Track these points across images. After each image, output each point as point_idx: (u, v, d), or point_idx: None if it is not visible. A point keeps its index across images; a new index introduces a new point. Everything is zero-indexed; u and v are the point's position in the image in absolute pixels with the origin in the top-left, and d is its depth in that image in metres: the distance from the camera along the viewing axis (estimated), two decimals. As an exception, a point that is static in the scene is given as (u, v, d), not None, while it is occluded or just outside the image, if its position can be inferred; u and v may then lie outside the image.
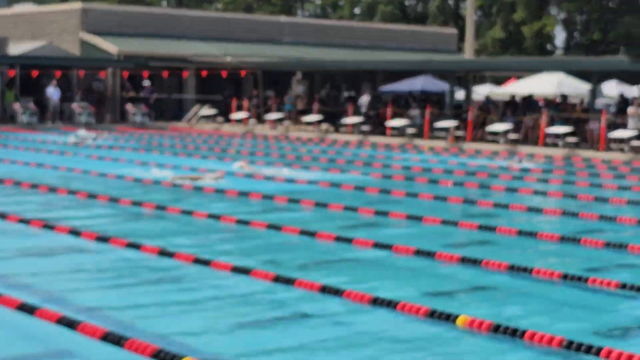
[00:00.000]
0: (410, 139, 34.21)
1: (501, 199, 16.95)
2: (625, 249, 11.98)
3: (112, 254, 11.08)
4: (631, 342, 7.77)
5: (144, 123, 41.31)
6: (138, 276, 10.00)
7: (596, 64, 35.91)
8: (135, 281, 9.75)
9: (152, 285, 9.58)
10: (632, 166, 26.43)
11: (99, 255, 11.05)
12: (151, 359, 6.72)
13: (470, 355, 7.27)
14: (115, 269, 10.32)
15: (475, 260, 10.76)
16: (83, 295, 8.95)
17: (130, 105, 42.27)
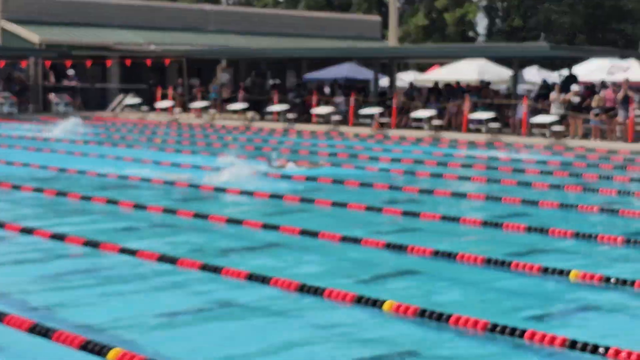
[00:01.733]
0: (336, 126, 34.37)
1: (425, 185, 17.15)
2: (547, 233, 12.23)
3: (38, 244, 10.98)
4: (554, 324, 7.93)
5: (67, 113, 40.80)
6: (63, 267, 9.92)
7: (517, 51, 36.42)
8: (60, 272, 9.66)
9: (78, 275, 9.50)
10: (554, 150, 26.92)
11: (23, 246, 10.95)
12: (79, 351, 6.70)
13: (397, 340, 7.36)
14: (41, 259, 10.23)
15: (400, 245, 10.90)
16: (6, 287, 8.84)
17: (53, 95, 41.72)
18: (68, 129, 30.14)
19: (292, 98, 38.48)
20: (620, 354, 6.71)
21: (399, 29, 56.70)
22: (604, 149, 26.87)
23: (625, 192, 16.85)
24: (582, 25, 64.52)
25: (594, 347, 6.85)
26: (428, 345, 7.23)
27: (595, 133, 29.22)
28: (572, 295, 9.01)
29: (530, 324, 7.65)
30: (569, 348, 6.94)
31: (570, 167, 21.87)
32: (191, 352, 6.94)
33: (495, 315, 7.91)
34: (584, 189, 17.04)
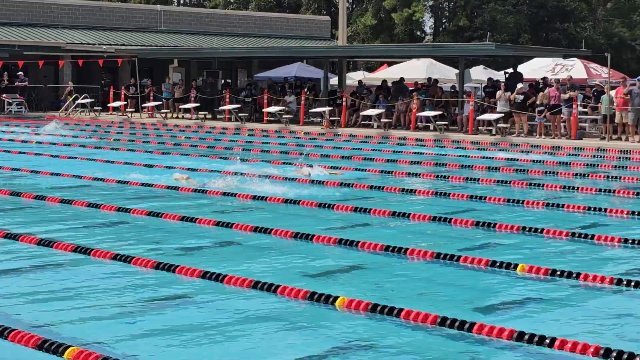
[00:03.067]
0: (287, 125, 34.50)
1: (376, 182, 17.36)
2: (494, 228, 12.49)
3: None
4: (502, 317, 8.12)
5: (19, 113, 40.47)
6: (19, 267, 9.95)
7: (464, 50, 36.77)
8: (16, 271, 9.67)
9: (33, 275, 9.54)
10: (500, 147, 27.29)
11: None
12: (36, 350, 6.73)
13: (349, 335, 7.49)
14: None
15: (352, 241, 11.08)
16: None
17: (6, 95, 41.31)
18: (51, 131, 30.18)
19: (243, 97, 38.55)
20: (566, 344, 6.92)
21: (348, 28, 56.95)
22: (548, 145, 27.29)
23: (570, 187, 17.21)
24: (527, 25, 65.24)
25: (540, 338, 7.05)
26: (380, 340, 7.36)
27: (540, 130, 29.67)
28: (520, 288, 9.23)
29: (479, 317, 7.85)
30: (516, 340, 7.14)
31: (515, 163, 22.22)
32: (147, 350, 7.02)
33: (444, 308, 8.09)
34: (530, 185, 17.36)
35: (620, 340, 7.38)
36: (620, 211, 14.05)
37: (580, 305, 8.66)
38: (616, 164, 22.43)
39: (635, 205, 14.80)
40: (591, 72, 39.83)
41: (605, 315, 8.27)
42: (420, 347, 7.21)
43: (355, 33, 66.71)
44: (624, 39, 66.09)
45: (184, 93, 40.24)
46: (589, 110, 31.01)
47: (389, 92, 35.27)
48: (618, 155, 25.22)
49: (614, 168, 21.44)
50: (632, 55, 66.37)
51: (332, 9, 69.64)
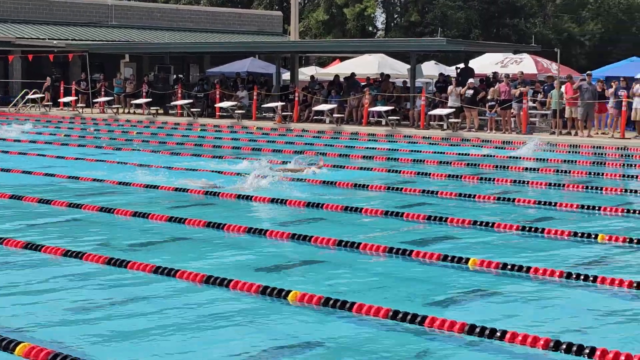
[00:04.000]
0: (239, 120, 34.43)
1: (328, 177, 17.39)
2: (445, 222, 12.59)
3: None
4: (454, 310, 8.19)
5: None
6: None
7: (415, 45, 36.94)
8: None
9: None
10: (451, 142, 27.48)
11: None
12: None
13: (302, 329, 7.53)
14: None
15: (305, 236, 11.12)
16: None
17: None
18: None
19: (195, 92, 38.41)
20: (517, 337, 7.01)
21: (300, 24, 56.96)
22: (499, 140, 27.53)
23: (520, 181, 17.38)
24: (477, 20, 65.66)
25: (491, 331, 7.13)
26: (332, 334, 7.40)
27: (491, 125, 29.90)
28: (471, 282, 9.32)
29: (431, 311, 7.90)
30: (468, 333, 7.21)
31: (467, 157, 22.39)
32: (99, 346, 6.99)
33: (397, 302, 8.14)
34: (481, 179, 17.51)
35: (570, 332, 7.48)
36: (570, 205, 14.21)
37: (531, 299, 8.74)
38: (565, 158, 22.67)
39: (585, 199, 15.00)
40: (541, 68, 40.20)
41: (556, 308, 8.37)
42: (372, 341, 7.25)
43: (307, 28, 66.72)
44: (573, 35, 66.78)
45: (135, 88, 40.00)
46: (539, 106, 31.32)
47: (341, 87, 35.34)
48: (567, 149, 25.49)
49: (564, 162, 21.68)
50: (581, 50, 67.08)
51: (284, 4, 69.56)
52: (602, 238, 11.45)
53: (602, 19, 69.02)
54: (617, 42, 68.84)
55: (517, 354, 6.86)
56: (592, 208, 13.94)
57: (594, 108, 28.76)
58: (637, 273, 9.79)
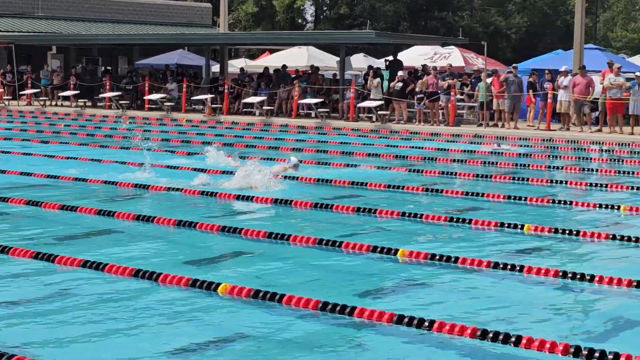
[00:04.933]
0: (168, 113, 34.23)
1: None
2: (374, 213, 12.69)
3: None
4: (383, 300, 8.27)
5: None
6: None
7: (344, 37, 37.08)
8: None
9: None
10: (380, 134, 27.64)
11: None
12: None
13: (231, 322, 7.53)
14: None
15: (235, 228, 11.12)
16: None
17: None
18: None
19: (124, 84, 38.10)
20: (444, 327, 7.10)
21: (229, 16, 56.75)
22: (427, 132, 27.77)
23: (448, 172, 17.57)
24: (406, 13, 66.11)
25: (419, 321, 7.22)
26: (262, 326, 7.41)
27: (419, 117, 30.16)
28: (400, 272, 9.40)
29: (361, 302, 7.97)
30: (396, 323, 7.28)
31: (396, 149, 22.55)
32: (27, 341, 6.91)
33: (327, 294, 8.19)
34: (409, 170, 17.67)
35: (498, 321, 7.60)
36: (497, 196, 14.42)
37: (459, 288, 8.87)
38: (492, 150, 22.97)
39: (511, 190, 15.21)
40: (468, 61, 40.64)
41: (484, 298, 8.50)
42: (302, 333, 7.30)
43: (236, 20, 66.53)
44: (500, 28, 67.58)
45: (63, 80, 39.52)
46: (466, 98, 31.68)
47: (270, 79, 35.34)
48: (494, 141, 25.83)
49: (491, 154, 21.97)
50: (507, 43, 67.91)
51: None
52: (528, 228, 11.65)
53: (528, 13, 69.99)
54: (542, 35, 69.90)
55: (445, 344, 6.95)
56: (518, 199, 14.16)
57: (521, 100, 29.18)
58: (562, 262, 9.99)
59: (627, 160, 20.97)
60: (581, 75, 27.71)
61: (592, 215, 13.25)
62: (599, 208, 13.55)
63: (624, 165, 20.17)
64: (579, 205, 13.88)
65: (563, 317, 7.91)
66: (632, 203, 13.80)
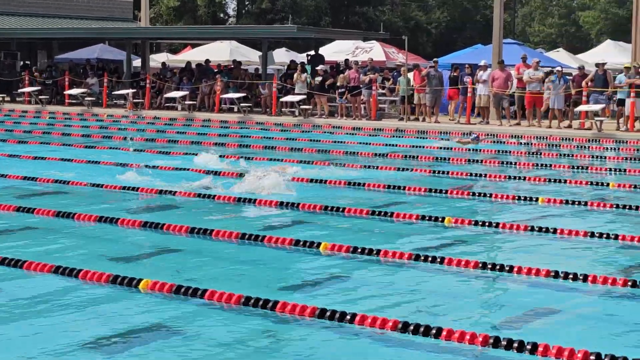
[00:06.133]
0: (89, 108, 33.84)
1: (180, 164, 17.29)
2: (297, 207, 12.72)
3: None
4: (306, 294, 8.29)
5: None
6: None
7: (266, 32, 37.05)
8: None
9: None
10: (302, 128, 27.69)
11: None
12: None
13: (153, 318, 7.48)
14: None
15: (157, 224, 11.07)
16: None
17: None
18: None
19: (43, 79, 37.55)
20: (366, 320, 7.16)
21: (151, 10, 56.28)
22: (349, 126, 27.91)
23: (370, 166, 17.69)
24: (327, 8, 66.26)
25: (341, 314, 7.27)
26: (184, 322, 7.40)
27: (341, 111, 30.28)
28: (323, 266, 9.45)
29: (284, 296, 7.98)
30: (319, 317, 7.33)
31: (318, 144, 22.63)
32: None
33: (249, 288, 8.19)
34: (332, 164, 17.75)
35: (419, 313, 7.69)
36: (418, 189, 14.56)
37: (381, 281, 8.94)
38: (414, 143, 23.18)
39: (431, 183, 15.38)
40: (389, 55, 40.93)
41: (405, 290, 8.57)
42: (224, 328, 7.29)
43: (158, 14, 65.97)
44: (420, 23, 68.14)
45: (-20, 75, 38.81)
46: (388, 92, 31.88)
47: (193, 74, 35.16)
48: (416, 135, 26.09)
49: (412, 147, 22.17)
50: (427, 38, 68.50)
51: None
52: (449, 221, 11.80)
53: (448, 7, 70.70)
54: (462, 30, 70.68)
55: (367, 337, 7.01)
56: (439, 192, 14.32)
57: (442, 95, 29.48)
58: (481, 254, 10.15)
59: (545, 153, 21.33)
60: (500, 70, 28.09)
61: (511, 207, 13.47)
62: (518, 200, 13.78)
63: (542, 158, 20.52)
64: (498, 197, 14.09)
65: (483, 308, 8.03)
66: (549, 195, 14.06)
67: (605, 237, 10.89)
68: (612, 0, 70.39)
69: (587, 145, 23.63)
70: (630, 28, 30.26)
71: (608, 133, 25.03)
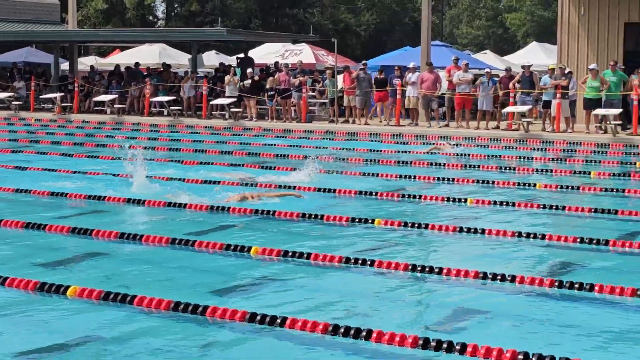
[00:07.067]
0: (16, 112, 33.33)
1: (110, 169, 17.11)
2: (227, 211, 12.70)
3: None
4: (237, 299, 8.28)
5: None
6: None
7: (196, 35, 36.91)
8: None
9: None
10: (233, 131, 27.62)
11: None
12: None
13: (81, 325, 7.40)
14: None
15: (86, 230, 10.96)
16: None
17: None
18: None
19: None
20: (297, 323, 7.16)
21: (78, 12, 55.70)
22: (279, 129, 27.89)
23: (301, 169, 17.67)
24: (257, 11, 66.17)
25: (272, 318, 7.27)
26: (113, 328, 7.33)
27: (272, 114, 30.28)
28: (254, 270, 9.43)
29: (214, 301, 7.97)
30: (249, 321, 7.31)
31: (248, 146, 22.59)
32: None
33: (180, 293, 8.15)
34: (262, 167, 17.74)
35: (349, 316, 7.73)
36: (348, 191, 14.61)
37: (312, 284, 8.98)
38: (344, 145, 23.26)
39: (362, 184, 15.43)
40: (319, 57, 41.04)
41: (336, 293, 8.61)
42: (155, 334, 7.25)
43: (86, 17, 65.26)
44: (350, 25, 68.38)
45: None
46: (318, 95, 31.96)
47: (122, 77, 34.87)
48: (345, 137, 26.19)
49: (342, 150, 22.25)
50: (357, 40, 68.78)
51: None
52: (379, 222, 11.86)
53: (377, 10, 71.09)
54: (391, 32, 71.14)
55: (297, 341, 7.02)
56: (369, 194, 14.40)
57: (372, 96, 29.63)
58: (411, 256, 10.23)
59: (473, 155, 21.54)
60: (429, 72, 28.33)
61: (440, 209, 13.59)
62: (447, 201, 13.91)
63: (471, 159, 20.72)
64: (428, 199, 14.20)
65: (413, 310, 8.10)
66: (478, 196, 14.22)
67: (533, 237, 11.05)
68: (537, 2, 71.46)
69: (515, 145, 23.93)
70: (555, 30, 30.71)
71: (535, 134, 25.39)
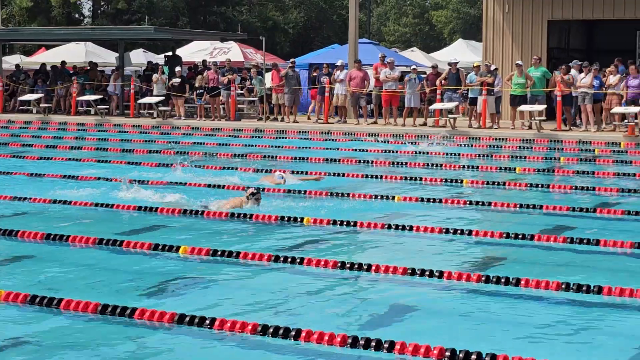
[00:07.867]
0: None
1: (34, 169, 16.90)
2: (155, 211, 12.61)
3: None
4: (166, 300, 8.24)
5: None
6: None
7: (123, 33, 36.58)
8: None
9: None
10: (162, 130, 27.44)
11: None
12: None
13: (7, 329, 7.31)
14: None
15: (11, 231, 10.80)
16: None
17: None
18: None
19: None
20: (226, 324, 7.15)
21: (3, 10, 54.85)
22: (208, 127, 27.78)
23: (230, 167, 17.64)
24: (185, 8, 65.78)
25: (200, 319, 7.25)
26: (40, 333, 7.26)
27: (200, 112, 30.14)
28: (183, 269, 9.39)
29: (143, 302, 7.92)
30: (178, 323, 7.29)
31: (177, 145, 22.47)
32: None
33: (109, 295, 8.10)
34: (193, 166, 17.68)
35: (278, 315, 7.73)
36: (277, 190, 14.61)
37: (241, 284, 8.96)
38: (273, 143, 23.25)
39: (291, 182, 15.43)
40: (247, 55, 40.96)
41: (265, 292, 8.57)
42: (83, 337, 7.17)
43: (10, 15, 64.30)
44: (278, 23, 68.29)
45: None
46: (246, 93, 31.90)
47: (48, 76, 34.40)
48: (275, 135, 26.18)
49: (271, 147, 22.25)
50: (285, 38, 68.73)
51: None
52: (308, 221, 11.88)
53: (305, 7, 71.08)
54: (319, 29, 71.25)
55: (227, 341, 7.00)
56: (297, 192, 14.41)
57: (300, 94, 29.67)
58: (340, 253, 10.27)
59: (401, 151, 21.67)
60: (357, 69, 28.43)
61: (369, 206, 13.66)
62: (375, 199, 13.99)
63: (399, 156, 20.84)
64: (356, 196, 14.27)
65: (342, 308, 8.09)
66: (405, 193, 14.32)
67: (460, 233, 11.17)
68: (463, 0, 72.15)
69: (442, 142, 24.15)
70: (481, 27, 31.07)
71: (462, 130, 25.66)
